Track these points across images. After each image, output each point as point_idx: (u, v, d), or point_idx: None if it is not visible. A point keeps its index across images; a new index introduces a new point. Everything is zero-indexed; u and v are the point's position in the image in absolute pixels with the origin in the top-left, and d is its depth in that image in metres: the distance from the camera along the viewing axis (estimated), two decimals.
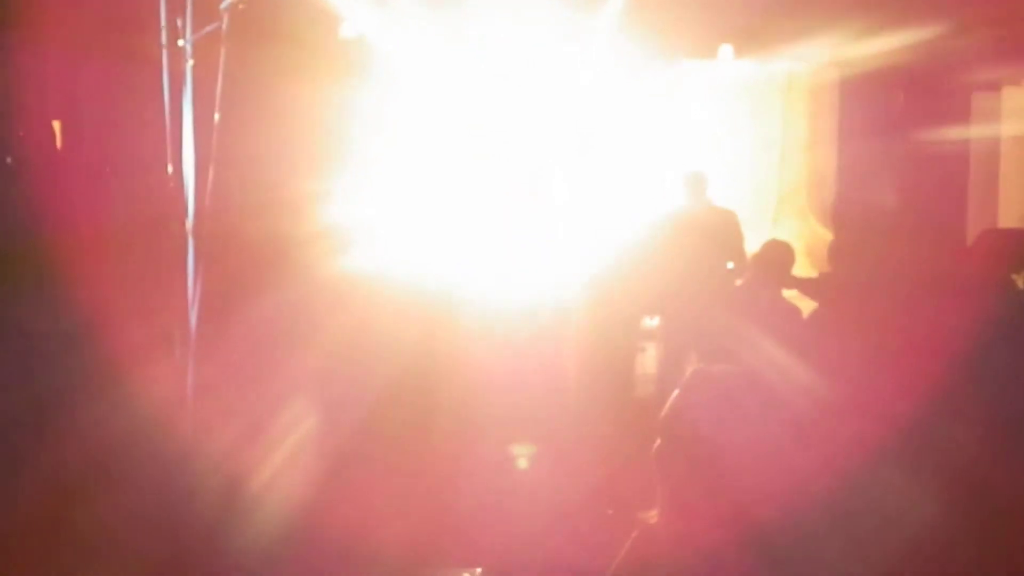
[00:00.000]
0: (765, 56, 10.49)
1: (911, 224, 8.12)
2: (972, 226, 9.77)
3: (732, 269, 8.42)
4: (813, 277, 7.65)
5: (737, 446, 2.56)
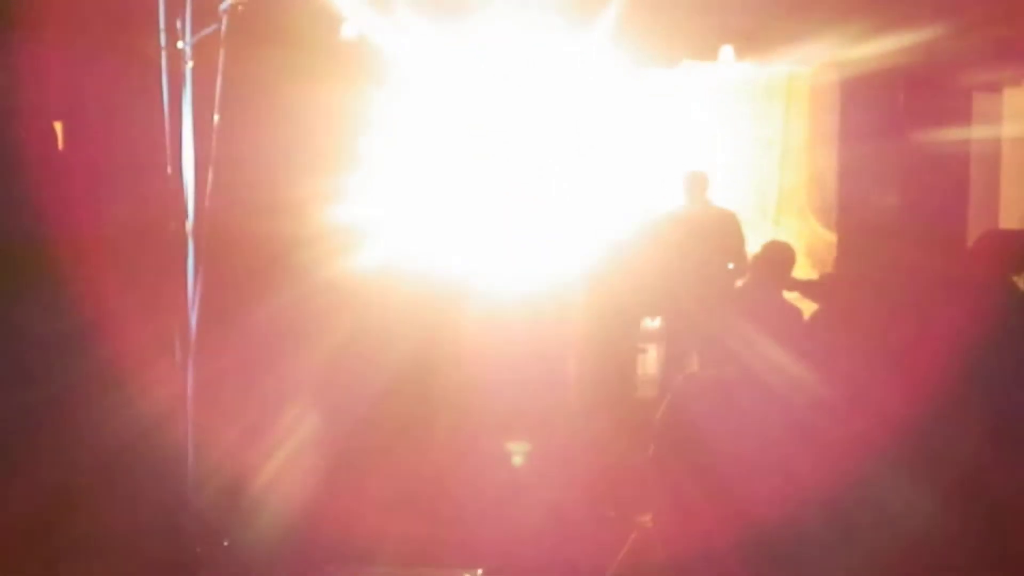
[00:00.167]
0: (766, 57, 10.49)
1: (912, 225, 8.12)
2: (973, 227, 9.76)
3: (733, 270, 8.43)
4: (814, 278, 7.65)
5: (733, 448, 2.57)
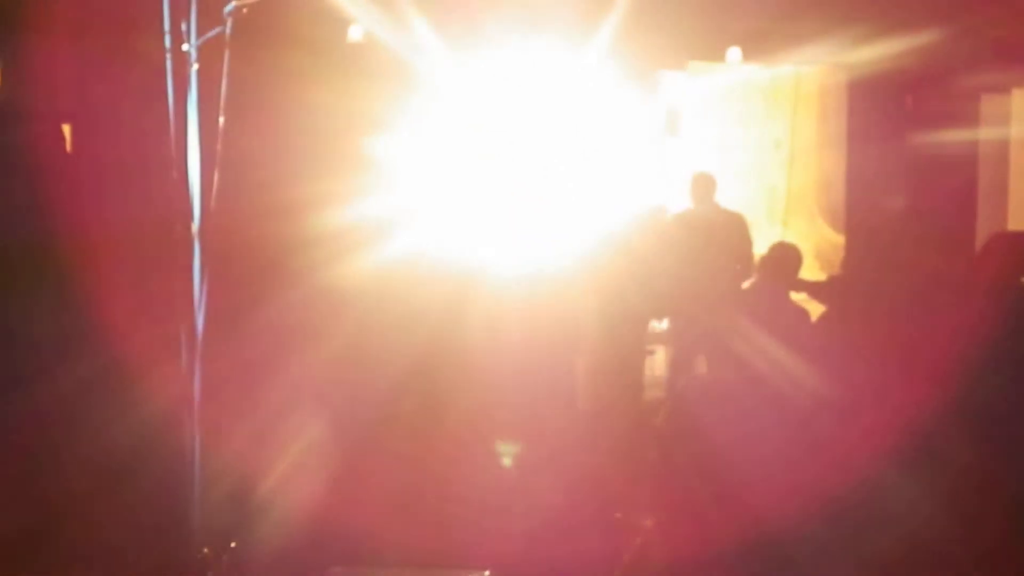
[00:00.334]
0: (773, 59, 10.49)
1: (920, 227, 8.10)
2: (981, 229, 9.75)
3: (740, 271, 8.42)
4: (821, 280, 7.64)
5: (739, 450, 2.57)
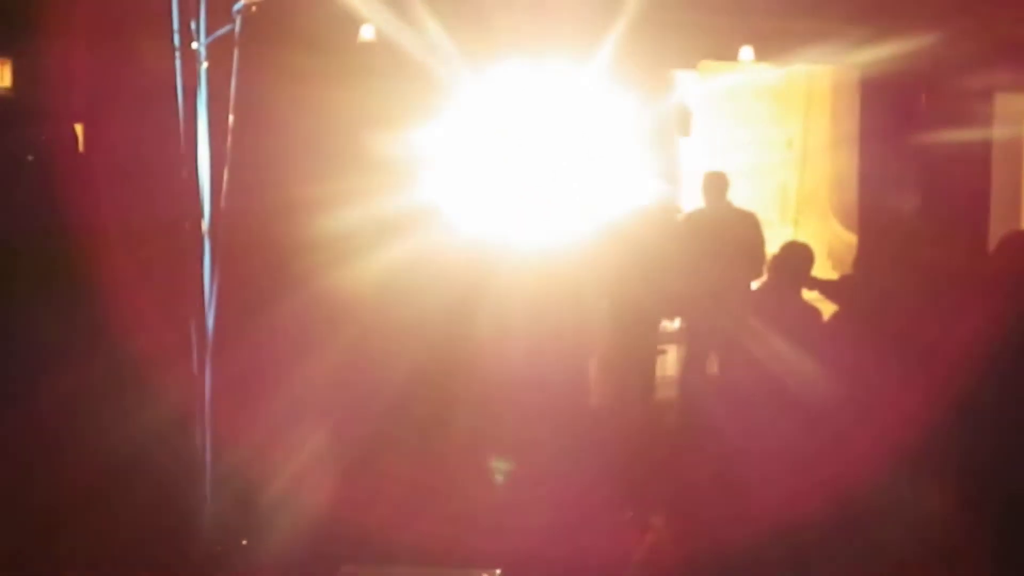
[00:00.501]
0: (786, 58, 10.47)
1: (933, 226, 8.08)
2: (995, 228, 9.71)
3: (752, 270, 8.40)
4: (833, 279, 7.62)
5: (750, 449, 2.56)
